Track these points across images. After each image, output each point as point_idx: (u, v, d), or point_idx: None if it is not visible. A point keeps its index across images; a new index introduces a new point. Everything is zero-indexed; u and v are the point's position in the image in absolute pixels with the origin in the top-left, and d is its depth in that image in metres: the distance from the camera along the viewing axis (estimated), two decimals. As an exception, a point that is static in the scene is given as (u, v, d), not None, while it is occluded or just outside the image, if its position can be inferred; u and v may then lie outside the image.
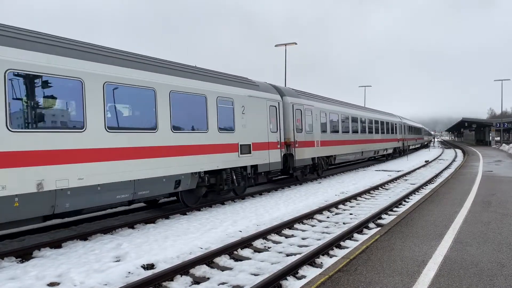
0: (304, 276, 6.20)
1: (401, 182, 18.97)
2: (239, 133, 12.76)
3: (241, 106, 12.94)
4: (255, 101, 13.81)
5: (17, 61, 7.02)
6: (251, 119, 13.46)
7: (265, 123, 14.36)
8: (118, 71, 8.90)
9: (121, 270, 6.47)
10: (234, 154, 12.49)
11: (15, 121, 6.98)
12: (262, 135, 14.09)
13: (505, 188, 13.22)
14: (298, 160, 16.34)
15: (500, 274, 5.22)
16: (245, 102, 13.20)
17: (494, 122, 64.57)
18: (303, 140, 16.89)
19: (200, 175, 11.22)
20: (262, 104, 14.25)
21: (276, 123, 15.14)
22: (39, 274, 6.28)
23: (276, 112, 15.21)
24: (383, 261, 5.80)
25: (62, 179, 7.58)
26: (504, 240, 6.86)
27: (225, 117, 12.21)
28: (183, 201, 11.48)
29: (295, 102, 16.58)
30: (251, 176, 13.62)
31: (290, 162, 16.07)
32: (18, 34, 7.35)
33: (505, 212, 9.26)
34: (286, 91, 16.78)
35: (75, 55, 8.13)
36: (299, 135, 16.52)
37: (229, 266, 6.89)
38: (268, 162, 14.39)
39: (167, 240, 8.31)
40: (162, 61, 10.69)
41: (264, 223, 10.02)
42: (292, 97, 16.65)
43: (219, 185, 12.14)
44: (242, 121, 12.95)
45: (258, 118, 13.94)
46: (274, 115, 15.01)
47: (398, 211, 11.25)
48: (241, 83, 13.49)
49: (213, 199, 13.13)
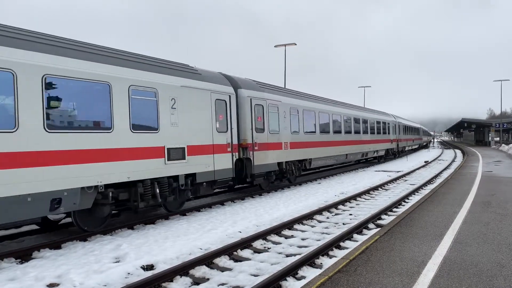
0: (304, 277, 6.20)
1: (401, 182, 18.97)
2: (166, 133, 9.96)
3: (170, 99, 10.10)
4: (193, 93, 10.94)
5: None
6: (186, 116, 10.62)
7: (208, 121, 11.48)
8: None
9: (120, 271, 6.46)
10: (157, 161, 9.65)
11: None
12: (203, 136, 11.26)
13: (504, 189, 13.23)
14: (257, 165, 13.68)
15: (499, 275, 5.22)
16: (177, 94, 10.36)
17: (494, 122, 64.64)
18: (266, 142, 14.26)
19: (99, 190, 8.50)
20: (204, 97, 11.37)
21: (226, 121, 12.28)
22: (39, 275, 6.27)
23: (226, 108, 12.32)
24: (382, 262, 5.80)
25: None
26: (504, 240, 6.86)
27: (142, 113, 9.41)
28: (77, 225, 8.77)
29: (254, 96, 13.84)
30: (186, 188, 10.79)
31: (248, 168, 13.48)
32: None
33: (504, 212, 9.27)
34: (243, 82, 13.94)
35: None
36: (259, 136, 13.87)
37: (228, 267, 6.89)
38: (213, 169, 11.59)
39: (166, 240, 8.31)
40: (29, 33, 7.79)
41: (263, 223, 10.02)
42: (251, 90, 13.91)
43: (134, 202, 9.37)
44: (172, 118, 10.15)
45: (197, 115, 11.07)
46: (222, 111, 12.14)
47: (398, 211, 11.25)
48: (171, 69, 10.53)
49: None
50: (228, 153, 12.32)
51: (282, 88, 17.61)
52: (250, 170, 13.44)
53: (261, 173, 14.10)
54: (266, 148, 14.28)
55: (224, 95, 12.26)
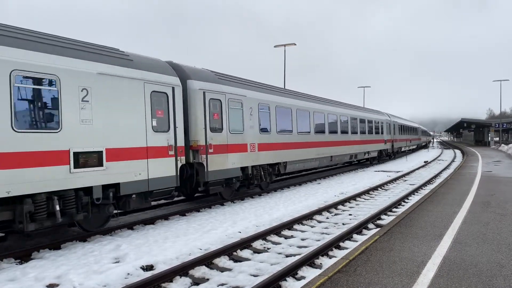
0: (304, 277, 6.21)
1: (401, 182, 18.98)
2: (72, 133, 7.84)
3: (79, 89, 8.02)
4: (116, 82, 8.79)
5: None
6: (105, 112, 8.51)
7: (140, 118, 9.27)
8: None
9: (120, 271, 6.47)
10: (57, 169, 7.51)
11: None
12: (131, 136, 9.05)
13: (504, 189, 13.24)
14: (213, 172, 11.51)
15: (499, 275, 5.23)
16: (92, 84, 8.27)
17: (493, 122, 64.73)
18: (225, 144, 12.12)
19: None
20: (135, 88, 9.18)
21: (167, 118, 10.06)
22: (39, 275, 6.28)
23: (168, 102, 10.10)
24: (382, 262, 5.80)
25: None
26: (504, 240, 6.86)
27: (34, 106, 7.40)
28: None
29: (209, 89, 11.68)
30: (106, 202, 8.61)
31: (200, 174, 11.29)
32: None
33: (504, 212, 9.28)
34: (194, 72, 11.69)
35: None
36: (216, 137, 11.75)
37: (228, 267, 6.89)
38: (147, 177, 9.35)
39: (166, 241, 8.31)
40: None
41: (263, 224, 10.02)
42: (204, 81, 11.71)
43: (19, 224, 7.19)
44: (83, 114, 8.06)
45: (123, 111, 8.90)
46: (162, 107, 9.96)
47: (398, 211, 11.26)
48: (83, 51, 8.41)
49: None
50: (171, 157, 10.06)
51: (249, 81, 14.89)
52: (203, 177, 11.25)
53: (218, 180, 11.86)
54: (224, 151, 12.11)
55: (164, 86, 10.00)
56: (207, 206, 12.35)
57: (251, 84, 14.65)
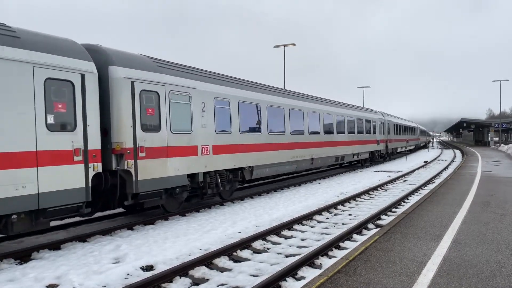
0: (304, 277, 6.21)
1: (400, 182, 18.98)
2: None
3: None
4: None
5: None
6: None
7: (25, 112, 7.11)
8: None
9: (120, 272, 6.46)
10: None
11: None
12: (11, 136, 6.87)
13: (504, 189, 13.24)
14: (145, 181, 9.34)
15: (499, 275, 5.23)
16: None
17: (493, 122, 64.76)
18: (163, 146, 9.95)
19: None
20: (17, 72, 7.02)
21: (72, 114, 7.93)
22: (38, 275, 6.27)
23: (74, 93, 7.97)
24: (382, 262, 5.80)
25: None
26: (503, 240, 6.87)
27: None
28: None
29: (141, 79, 9.50)
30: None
31: (128, 184, 9.10)
32: None
33: (504, 212, 9.28)
34: (121, 57, 9.42)
35: None
36: (150, 137, 9.60)
37: (228, 267, 6.89)
38: (36, 191, 7.17)
39: (166, 241, 8.31)
40: None
41: (263, 224, 10.02)
42: (135, 69, 9.49)
43: None
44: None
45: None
46: (64, 99, 7.81)
47: (397, 211, 11.26)
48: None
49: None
50: (76, 164, 7.92)
51: (202, 70, 12.32)
52: (131, 187, 9.10)
53: (152, 191, 9.66)
54: (163, 155, 9.93)
55: (68, 72, 7.86)
56: (207, 206, 12.35)
57: (204, 74, 12.02)
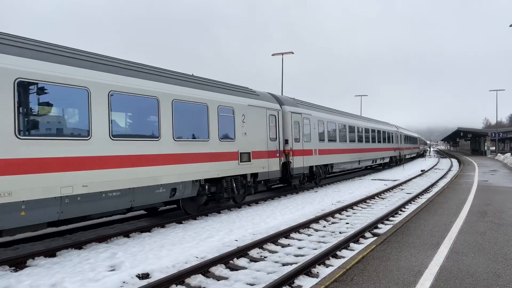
0: (300, 286, 6.19)
1: (397, 191, 18.99)
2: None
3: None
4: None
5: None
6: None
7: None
8: None
9: (116, 280, 6.42)
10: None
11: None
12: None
13: (500, 198, 13.27)
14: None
15: (495, 285, 5.23)
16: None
17: (490, 132, 64.96)
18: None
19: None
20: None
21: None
22: (33, 283, 6.22)
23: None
24: (379, 271, 5.79)
25: None
26: (500, 250, 6.87)
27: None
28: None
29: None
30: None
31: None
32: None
33: (500, 222, 9.29)
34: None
35: None
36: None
37: (224, 276, 6.86)
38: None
39: (162, 249, 8.27)
40: None
41: (260, 232, 9.99)
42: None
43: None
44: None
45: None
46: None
47: (394, 220, 11.25)
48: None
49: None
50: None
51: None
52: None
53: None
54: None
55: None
56: (204, 214, 12.32)
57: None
